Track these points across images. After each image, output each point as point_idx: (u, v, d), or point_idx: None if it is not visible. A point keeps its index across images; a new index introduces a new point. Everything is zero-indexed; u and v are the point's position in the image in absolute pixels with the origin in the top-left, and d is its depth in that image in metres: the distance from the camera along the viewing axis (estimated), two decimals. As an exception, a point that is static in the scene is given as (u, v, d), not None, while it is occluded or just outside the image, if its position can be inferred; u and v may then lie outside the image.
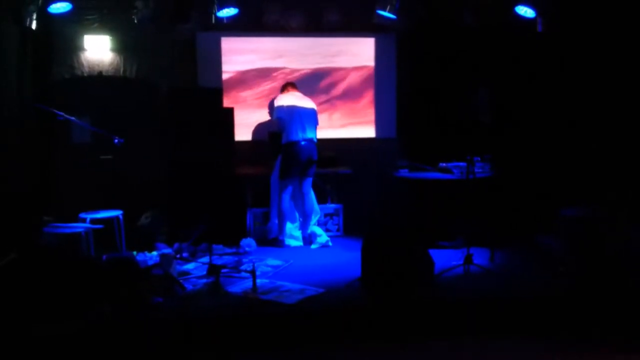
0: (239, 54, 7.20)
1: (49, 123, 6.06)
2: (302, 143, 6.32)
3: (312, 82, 7.23)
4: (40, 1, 5.78)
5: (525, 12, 6.26)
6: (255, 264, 5.19)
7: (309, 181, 6.49)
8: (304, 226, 6.57)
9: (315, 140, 6.43)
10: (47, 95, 6.40)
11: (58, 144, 6.50)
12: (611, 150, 6.27)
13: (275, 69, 7.27)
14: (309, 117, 6.41)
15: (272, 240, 6.51)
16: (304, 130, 6.33)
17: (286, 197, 6.43)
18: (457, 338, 4.24)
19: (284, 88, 6.67)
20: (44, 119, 6.06)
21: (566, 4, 6.34)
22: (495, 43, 6.88)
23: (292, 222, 6.64)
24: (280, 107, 6.42)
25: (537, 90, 6.85)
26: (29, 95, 6.14)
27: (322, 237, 6.45)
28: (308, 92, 6.81)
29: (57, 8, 5.87)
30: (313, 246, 6.41)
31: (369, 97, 7.53)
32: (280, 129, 6.43)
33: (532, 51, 6.79)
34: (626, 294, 4.59)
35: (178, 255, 5.76)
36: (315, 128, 6.48)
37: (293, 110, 6.36)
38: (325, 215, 6.88)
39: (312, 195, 6.55)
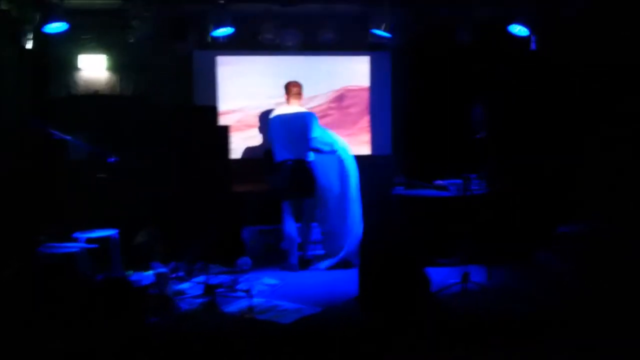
0: (235, 72, 7.22)
1: (44, 141, 6.03)
2: (287, 164, 6.13)
3: (307, 99, 7.23)
4: (36, 21, 5.79)
5: (519, 30, 6.30)
6: (252, 283, 5.15)
7: (307, 202, 6.35)
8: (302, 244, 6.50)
9: (306, 157, 6.16)
10: (44, 113, 6.39)
11: (53, 162, 6.46)
12: (608, 165, 6.28)
13: (271, 87, 7.27)
14: (297, 130, 6.14)
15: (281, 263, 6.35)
16: (289, 149, 6.13)
17: (289, 219, 6.29)
18: (455, 356, 4.20)
19: (286, 88, 6.40)
20: (40, 137, 6.03)
21: (560, 23, 6.38)
22: (490, 60, 6.92)
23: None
24: (271, 121, 6.29)
25: (533, 107, 6.87)
26: (26, 113, 6.13)
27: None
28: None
29: (52, 28, 5.88)
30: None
31: (364, 114, 7.55)
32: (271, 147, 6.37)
33: (526, 68, 6.83)
34: (626, 309, 4.57)
35: (174, 275, 5.72)
36: (308, 140, 6.15)
37: (279, 123, 6.18)
38: (322, 233, 6.83)
39: (311, 214, 6.45)
